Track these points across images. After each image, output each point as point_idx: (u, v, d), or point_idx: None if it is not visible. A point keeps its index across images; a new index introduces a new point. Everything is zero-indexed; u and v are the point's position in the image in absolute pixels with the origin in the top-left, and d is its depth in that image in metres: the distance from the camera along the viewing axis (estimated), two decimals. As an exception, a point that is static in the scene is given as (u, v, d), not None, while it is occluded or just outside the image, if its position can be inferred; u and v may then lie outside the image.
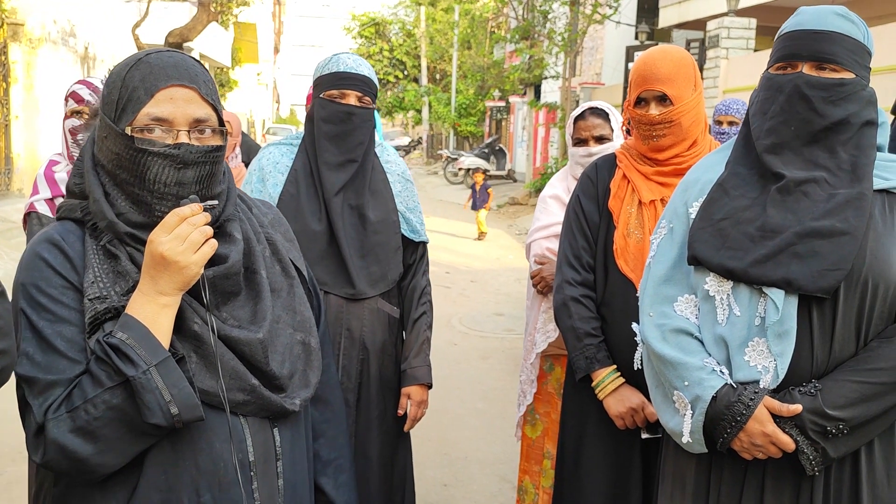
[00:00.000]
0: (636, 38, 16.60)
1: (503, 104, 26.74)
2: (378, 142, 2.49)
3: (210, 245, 1.25)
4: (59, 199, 2.63)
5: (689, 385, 1.57)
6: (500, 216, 16.34)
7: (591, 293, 2.20)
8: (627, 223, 2.17)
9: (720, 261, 1.56)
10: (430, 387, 2.45)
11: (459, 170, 22.04)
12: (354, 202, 2.33)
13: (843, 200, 1.51)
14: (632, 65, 2.16)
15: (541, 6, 16.62)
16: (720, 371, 1.56)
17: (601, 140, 2.73)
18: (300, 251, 1.58)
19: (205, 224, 1.25)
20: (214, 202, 1.30)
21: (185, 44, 12.29)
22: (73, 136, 2.65)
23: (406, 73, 37.29)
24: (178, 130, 1.27)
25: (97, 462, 1.21)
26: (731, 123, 3.81)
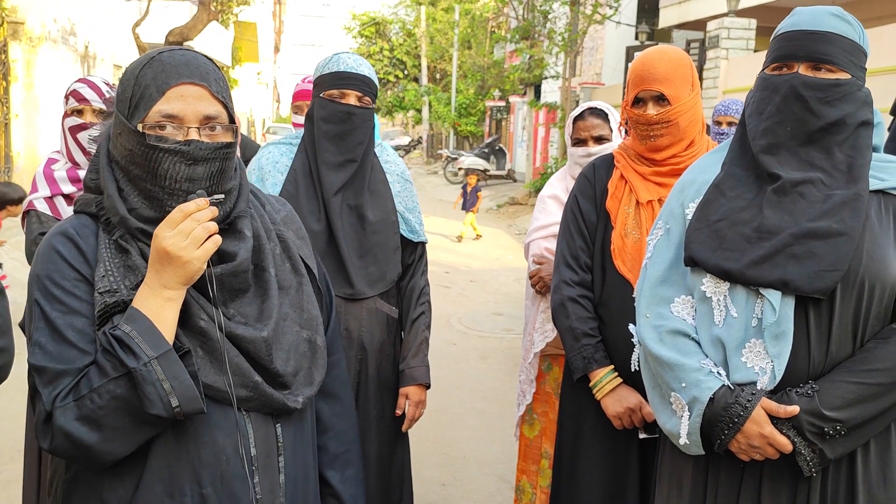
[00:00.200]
0: (636, 39, 16.62)
1: (503, 104, 26.71)
2: (377, 142, 2.49)
3: (213, 241, 1.27)
4: (58, 198, 2.63)
5: (687, 386, 1.56)
6: (500, 216, 16.33)
7: (589, 293, 2.20)
8: (625, 223, 2.17)
9: (717, 262, 1.56)
10: (429, 387, 2.45)
11: (459, 169, 22.00)
12: (353, 202, 2.33)
13: (840, 201, 1.51)
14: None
15: (541, 6, 16.62)
16: (717, 372, 1.56)
17: (600, 140, 2.74)
18: (312, 249, 1.59)
19: (210, 220, 1.27)
20: (221, 196, 1.31)
21: (186, 43, 12.27)
22: (73, 135, 2.65)
23: (406, 73, 37.26)
24: (189, 127, 1.30)
25: (102, 450, 1.25)
26: (731, 124, 3.81)
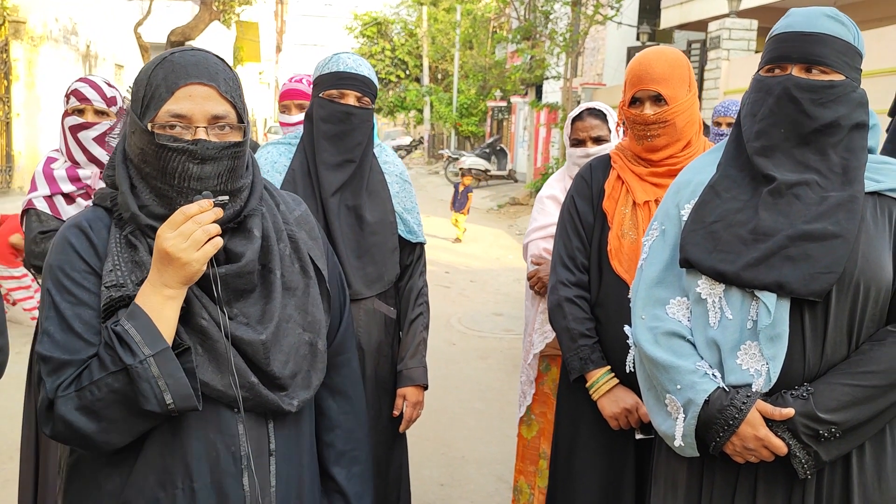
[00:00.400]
0: (637, 39, 16.61)
1: (504, 104, 26.70)
2: (376, 142, 2.49)
3: (213, 244, 1.29)
4: (58, 196, 2.64)
5: (682, 389, 1.56)
6: (501, 216, 16.33)
7: (586, 294, 2.20)
8: (622, 224, 2.17)
9: (712, 264, 1.56)
10: (426, 388, 2.45)
11: (460, 170, 22.03)
12: (351, 202, 2.33)
13: (835, 203, 1.51)
14: (629, 65, 2.17)
15: (542, 6, 16.62)
16: (712, 374, 1.56)
17: (599, 141, 2.74)
18: (324, 250, 1.59)
19: (215, 220, 1.29)
20: (225, 198, 1.33)
21: (187, 42, 12.28)
22: (73, 134, 2.65)
23: (408, 73, 37.25)
24: (197, 127, 1.32)
25: (100, 439, 1.28)
26: (731, 125, 3.81)
